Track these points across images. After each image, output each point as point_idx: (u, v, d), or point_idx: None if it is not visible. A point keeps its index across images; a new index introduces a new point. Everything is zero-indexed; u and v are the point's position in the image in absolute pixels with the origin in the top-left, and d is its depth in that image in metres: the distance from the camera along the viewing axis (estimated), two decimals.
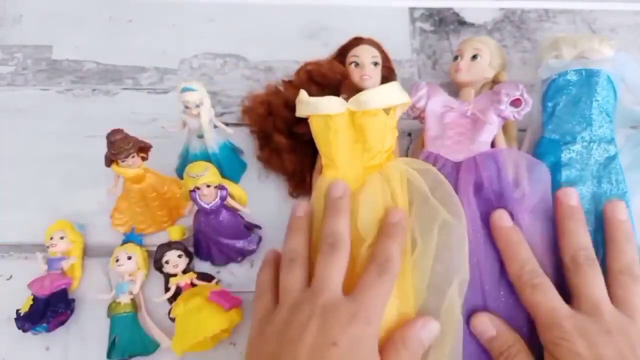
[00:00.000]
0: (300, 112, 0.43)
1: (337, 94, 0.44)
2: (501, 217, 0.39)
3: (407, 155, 0.50)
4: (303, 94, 0.42)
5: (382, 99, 0.41)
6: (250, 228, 0.46)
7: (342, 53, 0.49)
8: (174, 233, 0.45)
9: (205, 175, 0.41)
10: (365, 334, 0.32)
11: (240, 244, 0.45)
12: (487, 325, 0.37)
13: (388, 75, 0.49)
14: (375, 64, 0.47)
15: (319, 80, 0.47)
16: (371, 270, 0.35)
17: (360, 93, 0.41)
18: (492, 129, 0.44)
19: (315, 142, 0.43)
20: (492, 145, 0.45)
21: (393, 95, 0.42)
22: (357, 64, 0.47)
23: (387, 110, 0.41)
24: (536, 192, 0.41)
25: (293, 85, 0.48)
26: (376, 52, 0.48)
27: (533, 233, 0.40)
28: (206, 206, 0.42)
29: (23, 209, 0.49)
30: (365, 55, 0.47)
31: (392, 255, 0.36)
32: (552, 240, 0.40)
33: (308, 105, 0.42)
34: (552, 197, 0.41)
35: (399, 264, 0.36)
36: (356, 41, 0.49)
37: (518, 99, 0.43)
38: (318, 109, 0.41)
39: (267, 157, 0.49)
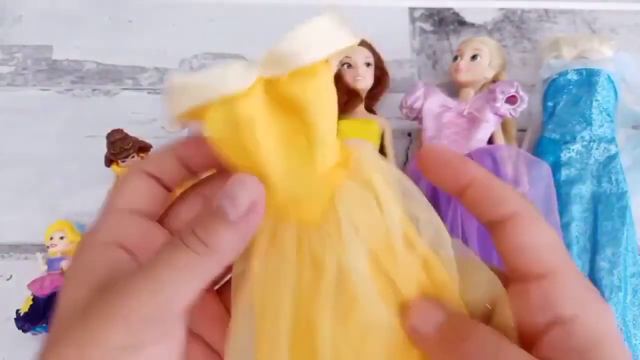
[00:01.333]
0: (179, 108, 0.19)
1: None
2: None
3: (407, 156, 0.50)
4: (176, 77, 0.19)
5: (320, 43, 0.20)
6: None
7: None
8: None
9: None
10: None
11: None
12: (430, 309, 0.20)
13: (381, 76, 0.50)
14: (368, 64, 0.48)
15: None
16: None
17: (276, 42, 0.19)
18: (488, 126, 0.44)
19: (222, 156, 0.20)
20: (491, 143, 0.45)
21: (330, 33, 0.21)
22: (349, 65, 0.47)
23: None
24: (537, 189, 0.41)
25: None
26: (369, 53, 0.49)
27: None
28: None
29: (23, 209, 0.49)
30: (357, 56, 0.48)
31: None
32: None
33: (191, 88, 0.19)
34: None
35: None
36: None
37: (514, 96, 0.43)
38: (209, 90, 0.18)
39: None
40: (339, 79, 0.46)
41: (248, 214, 0.18)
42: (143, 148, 0.43)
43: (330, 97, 0.20)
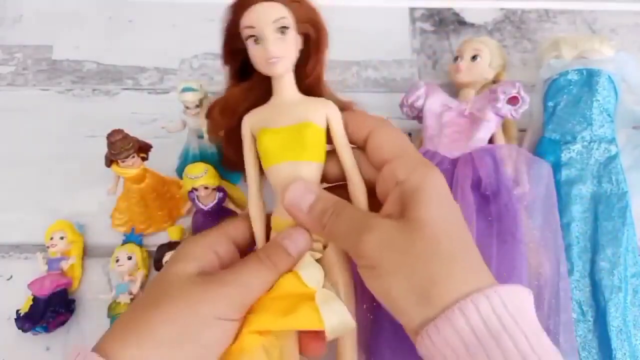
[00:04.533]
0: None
1: None
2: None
3: None
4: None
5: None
6: None
7: (233, 30, 0.33)
8: (174, 233, 0.45)
9: (204, 176, 0.41)
10: None
11: None
12: (303, 191, 0.31)
13: (315, 35, 0.34)
14: (283, 29, 0.32)
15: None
16: None
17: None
18: (489, 125, 0.44)
19: None
20: (492, 144, 0.45)
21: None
22: (256, 39, 0.32)
23: None
24: (538, 188, 0.41)
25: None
26: (280, 11, 0.32)
27: (532, 229, 0.40)
28: (204, 207, 0.42)
29: (23, 209, 0.48)
30: (262, 21, 0.31)
31: None
32: (552, 238, 0.40)
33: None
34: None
35: None
36: (245, 3, 0.32)
37: (515, 97, 0.43)
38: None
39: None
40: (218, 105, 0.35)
41: (300, 252, 0.31)
42: (143, 148, 0.43)
43: None
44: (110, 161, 0.42)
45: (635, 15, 0.59)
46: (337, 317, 0.29)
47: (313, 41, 0.34)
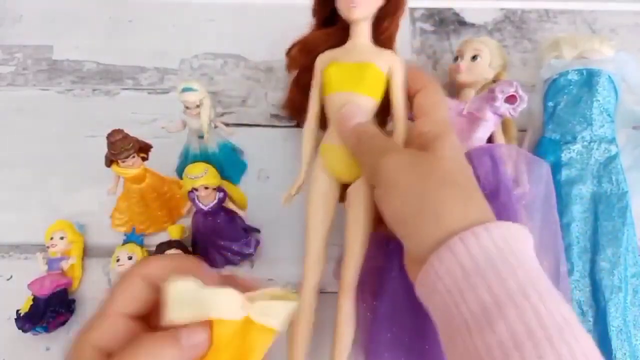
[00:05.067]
0: (177, 315, 0.25)
1: None
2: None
3: None
4: (181, 284, 0.24)
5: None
6: (249, 231, 0.46)
7: None
8: (174, 232, 0.45)
9: (204, 176, 0.41)
10: None
11: (237, 246, 0.45)
12: (357, 112, 0.38)
13: (399, 3, 0.41)
14: None
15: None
16: None
17: (272, 304, 0.27)
18: (488, 125, 0.44)
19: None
20: (491, 143, 0.45)
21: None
22: None
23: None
24: (537, 188, 0.41)
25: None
26: None
27: (531, 229, 0.40)
28: (204, 207, 0.42)
29: (23, 209, 0.48)
30: None
31: None
32: (551, 238, 0.40)
33: (192, 301, 0.25)
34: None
35: None
36: None
37: (513, 96, 0.43)
38: (207, 309, 0.25)
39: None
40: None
41: (193, 348, 0.25)
42: (143, 148, 0.43)
43: (264, 349, 0.27)
44: (110, 161, 0.42)
45: (636, 15, 0.59)
46: (278, 314, 0.27)
47: (392, 3, 0.40)
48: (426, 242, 0.29)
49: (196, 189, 0.41)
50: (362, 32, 0.40)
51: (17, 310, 0.42)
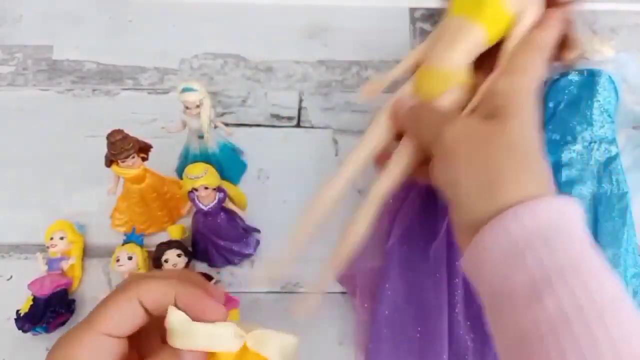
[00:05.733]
0: (179, 344, 0.26)
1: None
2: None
3: None
4: (176, 316, 0.25)
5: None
6: (249, 231, 0.46)
7: None
8: (174, 232, 0.45)
9: (204, 176, 0.41)
10: None
11: (237, 246, 0.45)
12: (408, 99, 0.37)
13: None
14: None
15: None
16: None
17: (268, 333, 0.28)
18: None
19: None
20: None
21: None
22: None
23: None
24: None
25: None
26: None
27: None
28: (204, 207, 0.42)
29: (23, 209, 0.48)
30: None
31: None
32: None
33: (192, 334, 0.26)
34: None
35: None
36: None
37: None
38: (206, 342, 0.26)
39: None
40: None
41: (199, 357, 0.25)
42: (143, 148, 0.43)
43: None
44: (110, 161, 0.42)
45: (636, 15, 0.59)
46: (274, 345, 0.27)
47: None
48: (479, 212, 0.28)
49: (196, 189, 0.41)
50: None
51: (17, 311, 0.42)
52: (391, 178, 0.36)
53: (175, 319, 0.25)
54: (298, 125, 0.52)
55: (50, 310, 0.42)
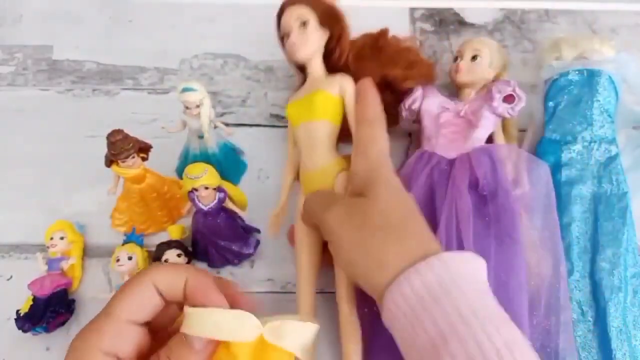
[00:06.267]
0: (193, 331, 0.26)
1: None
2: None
3: (407, 155, 0.50)
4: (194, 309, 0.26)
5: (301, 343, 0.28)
6: (249, 231, 0.46)
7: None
8: (174, 231, 0.45)
9: (204, 176, 0.41)
10: None
11: (236, 246, 0.45)
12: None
13: (339, 23, 0.42)
14: (304, 23, 0.40)
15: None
16: None
17: (286, 325, 0.27)
18: (487, 126, 0.44)
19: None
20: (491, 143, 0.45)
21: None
22: (287, 35, 0.41)
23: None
24: (537, 189, 0.41)
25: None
26: (302, 10, 0.41)
27: (531, 230, 0.40)
28: (204, 207, 0.42)
29: (23, 209, 0.49)
30: (288, 20, 0.41)
31: None
32: (551, 238, 0.40)
33: (208, 322, 0.26)
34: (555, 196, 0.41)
35: None
36: (282, 8, 0.43)
37: (511, 95, 0.43)
38: (222, 331, 0.26)
39: None
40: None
41: (207, 345, 0.25)
42: (143, 148, 0.43)
43: None
44: (110, 161, 0.42)
45: (636, 15, 0.59)
46: (294, 336, 0.27)
47: (336, 31, 0.42)
48: (379, 285, 0.30)
49: (196, 189, 0.41)
50: (313, 68, 0.43)
51: (17, 310, 0.42)
52: (302, 266, 0.40)
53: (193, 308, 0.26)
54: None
55: (50, 310, 0.42)
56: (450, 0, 0.60)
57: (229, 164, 0.48)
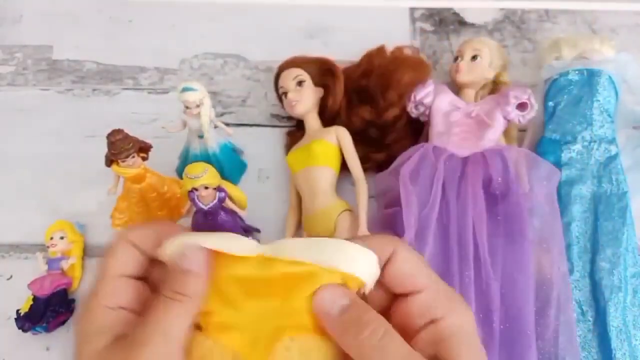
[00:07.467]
0: (175, 247, 0.24)
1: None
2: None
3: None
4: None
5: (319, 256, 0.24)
6: (249, 231, 0.46)
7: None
8: None
9: (204, 176, 0.41)
10: None
11: None
12: (335, 294, 0.25)
13: (333, 78, 0.48)
14: (300, 82, 0.47)
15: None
16: None
17: (287, 242, 0.24)
18: (498, 126, 0.44)
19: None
20: None
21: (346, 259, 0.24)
22: (285, 94, 0.48)
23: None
24: (542, 190, 0.41)
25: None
26: (298, 71, 0.48)
27: (534, 230, 0.40)
28: (204, 207, 0.42)
29: (23, 209, 0.48)
30: (286, 80, 0.47)
31: None
32: (554, 239, 0.40)
33: (188, 240, 0.24)
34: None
35: None
36: (280, 70, 0.49)
37: (524, 103, 0.44)
38: (223, 244, 0.24)
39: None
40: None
41: (196, 261, 0.24)
42: (143, 148, 0.43)
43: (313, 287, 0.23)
44: (110, 161, 0.42)
45: (636, 15, 0.59)
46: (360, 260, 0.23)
47: (329, 88, 0.48)
48: None
49: (196, 189, 0.41)
50: (311, 121, 0.48)
51: (17, 310, 0.42)
52: None
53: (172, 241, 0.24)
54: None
55: (50, 310, 0.42)
56: (450, 0, 0.60)
57: (229, 163, 0.48)
